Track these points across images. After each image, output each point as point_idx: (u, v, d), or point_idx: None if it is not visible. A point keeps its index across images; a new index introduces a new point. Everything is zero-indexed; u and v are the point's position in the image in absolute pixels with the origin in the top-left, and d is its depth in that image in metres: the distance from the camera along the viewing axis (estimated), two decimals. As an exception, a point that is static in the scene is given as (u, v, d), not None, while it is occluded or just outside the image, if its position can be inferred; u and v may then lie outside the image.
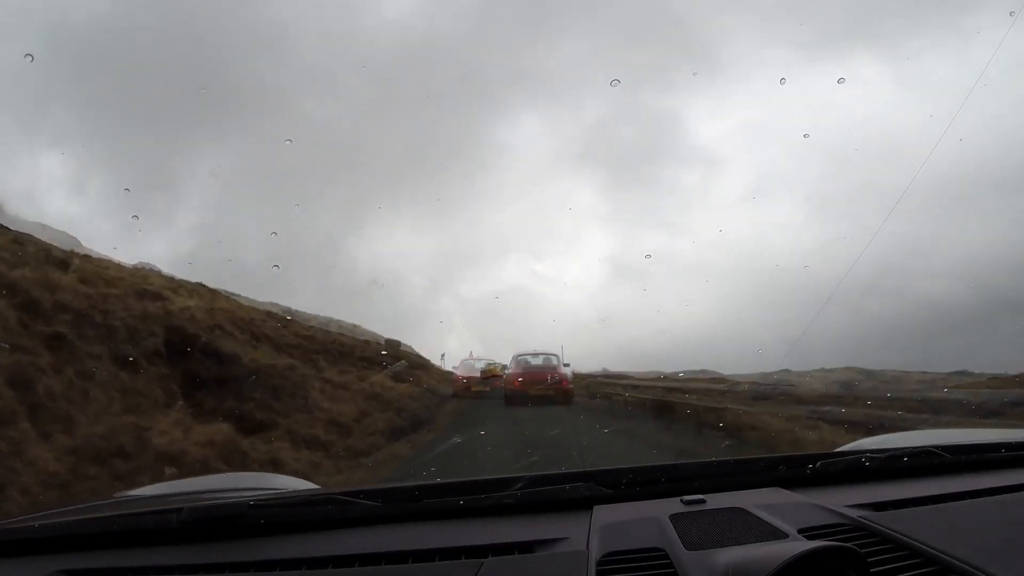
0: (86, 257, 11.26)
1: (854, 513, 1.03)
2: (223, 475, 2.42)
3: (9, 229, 9.81)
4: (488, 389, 15.63)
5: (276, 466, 6.34)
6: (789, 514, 1.01)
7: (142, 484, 3.38)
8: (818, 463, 1.25)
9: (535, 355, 16.33)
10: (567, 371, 15.46)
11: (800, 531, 0.95)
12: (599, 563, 0.89)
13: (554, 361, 15.94)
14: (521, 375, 15.13)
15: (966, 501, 1.11)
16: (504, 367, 17.62)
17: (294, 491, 1.46)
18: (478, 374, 16.80)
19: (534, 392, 14.05)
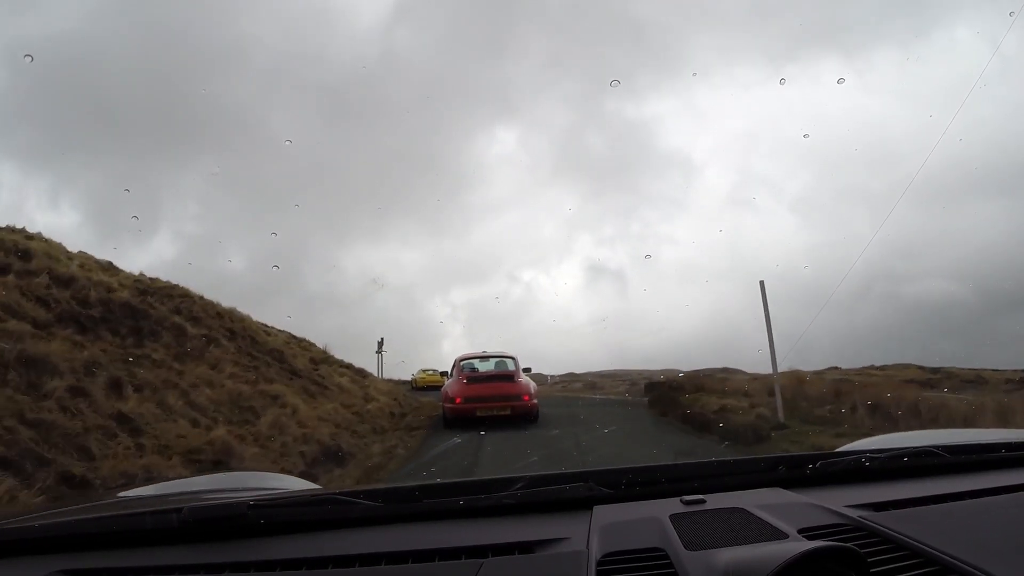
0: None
1: (854, 513, 1.03)
2: (223, 475, 2.43)
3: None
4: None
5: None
6: (789, 514, 1.01)
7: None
8: (818, 463, 1.25)
9: (484, 358, 12.29)
10: (527, 380, 11.51)
11: (800, 531, 0.95)
12: (599, 563, 0.89)
13: (510, 367, 11.82)
14: (465, 388, 11.05)
15: (966, 501, 1.11)
16: (445, 374, 13.10)
17: (294, 491, 1.47)
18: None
19: (482, 413, 10.54)
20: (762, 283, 10.76)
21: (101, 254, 12.54)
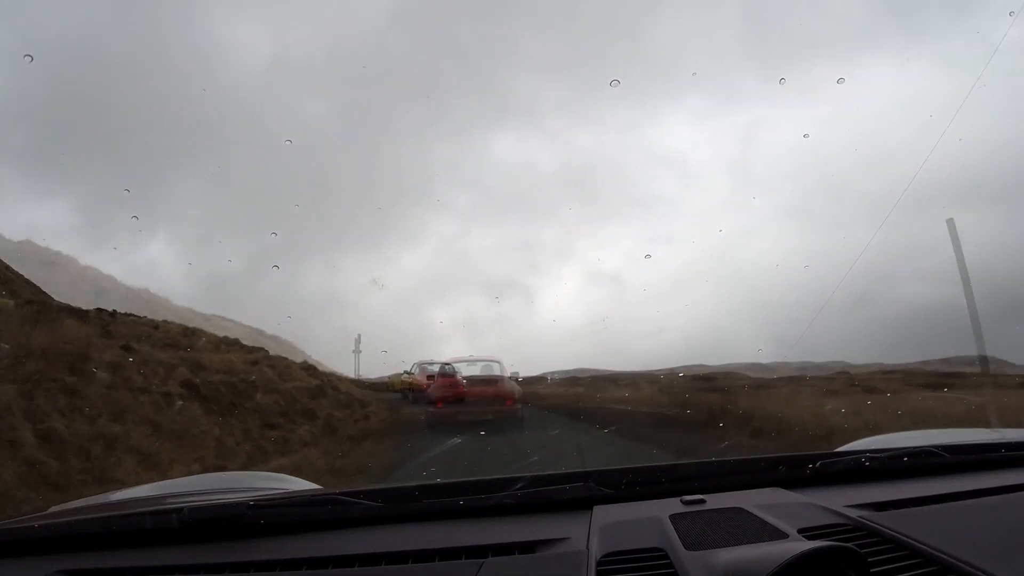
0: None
1: (854, 513, 1.03)
2: (223, 475, 2.42)
3: None
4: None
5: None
6: (789, 514, 1.01)
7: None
8: (818, 463, 1.25)
9: (471, 362, 12.42)
10: (511, 385, 11.62)
11: (800, 531, 0.95)
12: (599, 563, 0.89)
13: (495, 370, 12.02)
14: (447, 392, 11.27)
15: (966, 501, 1.11)
16: (431, 376, 13.10)
17: (294, 491, 1.46)
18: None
19: (464, 417, 10.59)
20: (950, 221, 8.08)
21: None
